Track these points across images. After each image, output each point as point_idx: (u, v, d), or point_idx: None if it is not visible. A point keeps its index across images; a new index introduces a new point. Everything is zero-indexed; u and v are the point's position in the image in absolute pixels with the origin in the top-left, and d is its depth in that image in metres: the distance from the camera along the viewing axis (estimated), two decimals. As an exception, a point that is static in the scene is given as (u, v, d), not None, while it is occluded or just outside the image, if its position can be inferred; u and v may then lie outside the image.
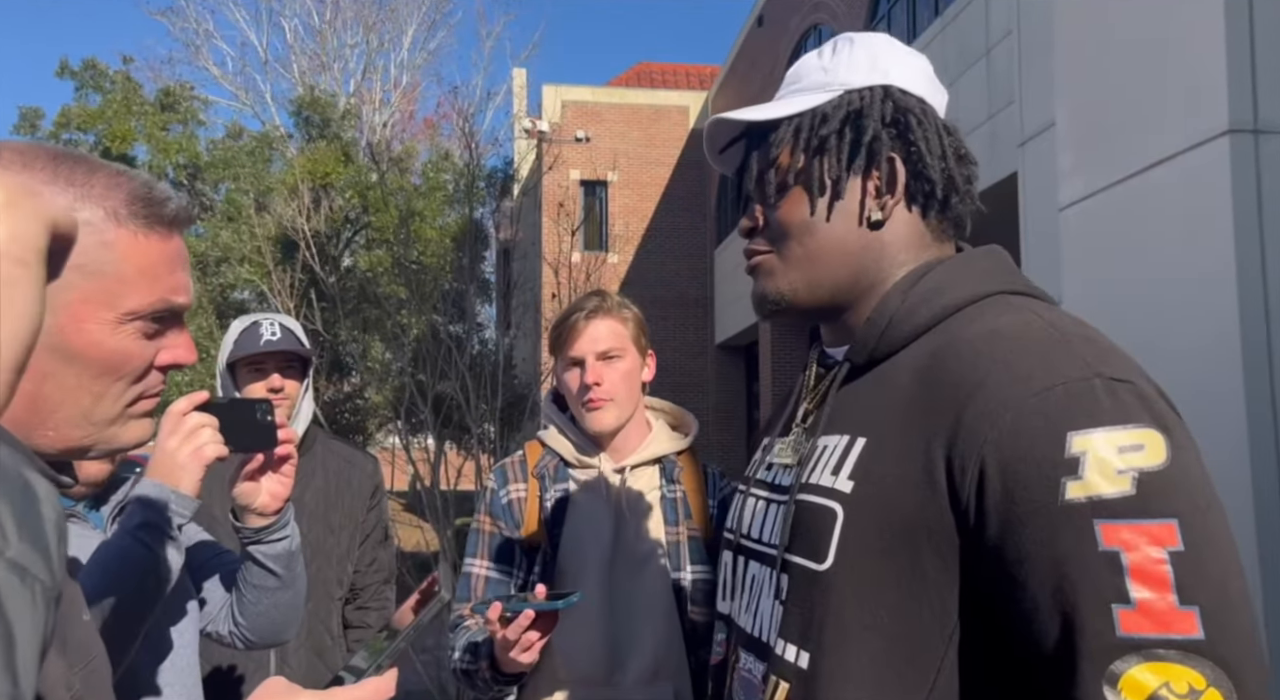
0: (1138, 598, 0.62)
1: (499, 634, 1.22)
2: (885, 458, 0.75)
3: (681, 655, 1.48)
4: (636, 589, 1.48)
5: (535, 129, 14.13)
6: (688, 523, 1.53)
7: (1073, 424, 0.65)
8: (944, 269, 0.82)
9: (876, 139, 0.83)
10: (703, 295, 16.40)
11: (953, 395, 0.71)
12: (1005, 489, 0.66)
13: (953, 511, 0.70)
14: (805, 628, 0.77)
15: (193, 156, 11.55)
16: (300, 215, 7.16)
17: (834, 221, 0.84)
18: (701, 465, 1.63)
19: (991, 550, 0.68)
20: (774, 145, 0.86)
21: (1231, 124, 2.45)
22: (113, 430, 0.68)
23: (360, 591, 2.13)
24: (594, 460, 1.54)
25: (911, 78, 0.86)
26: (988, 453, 0.67)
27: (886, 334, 0.81)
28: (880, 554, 0.73)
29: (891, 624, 0.72)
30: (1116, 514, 0.63)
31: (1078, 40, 3.10)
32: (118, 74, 12.35)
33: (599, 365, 1.49)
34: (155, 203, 0.70)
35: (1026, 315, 0.75)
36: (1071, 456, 0.65)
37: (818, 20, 11.58)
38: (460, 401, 6.04)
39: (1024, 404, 0.67)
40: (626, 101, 16.86)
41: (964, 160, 0.85)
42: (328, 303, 7.52)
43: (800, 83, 0.89)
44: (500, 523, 1.54)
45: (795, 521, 0.80)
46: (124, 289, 0.67)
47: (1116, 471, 0.64)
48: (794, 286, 0.85)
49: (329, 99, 13.06)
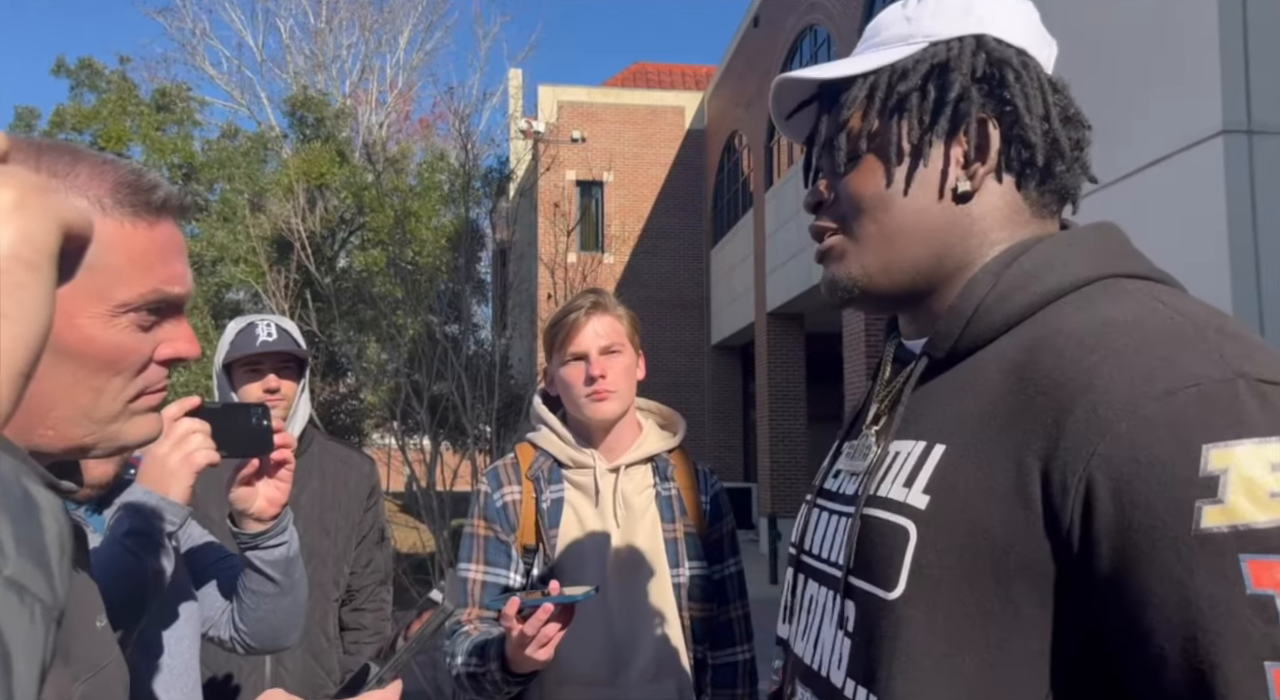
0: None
1: (515, 630, 1.22)
2: (968, 469, 0.63)
3: (682, 651, 1.48)
4: (636, 588, 1.48)
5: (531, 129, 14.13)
6: (683, 519, 1.54)
7: (1210, 435, 0.53)
8: (1044, 247, 0.69)
9: (964, 97, 0.71)
10: (699, 296, 16.40)
11: (1053, 397, 0.59)
12: (1120, 513, 0.54)
13: (1051, 538, 0.58)
14: (872, 665, 0.66)
15: (187, 157, 11.53)
16: (295, 215, 7.15)
17: (913, 193, 0.72)
18: (692, 463, 1.63)
19: (1102, 587, 0.56)
20: (845, 106, 0.74)
21: (1225, 124, 2.46)
22: (116, 427, 0.67)
23: (356, 593, 2.12)
24: (588, 460, 1.54)
25: (1011, 26, 0.73)
26: (1097, 468, 0.56)
27: (973, 324, 0.69)
28: (960, 585, 0.61)
29: (974, 667, 0.61)
30: (1271, 548, 0.51)
31: (1071, 43, 3.11)
32: (113, 73, 12.31)
33: (603, 359, 1.50)
34: (142, 189, 0.68)
35: (1147, 301, 0.62)
36: (1209, 475, 0.52)
37: (813, 21, 11.60)
38: (456, 402, 6.03)
39: (1145, 409, 0.55)
40: (622, 102, 16.85)
41: (1071, 122, 0.73)
42: (323, 303, 7.50)
43: (880, 36, 0.77)
44: (496, 526, 1.53)
45: (861, 540, 0.69)
46: (114, 280, 0.65)
47: (1270, 495, 0.51)
48: (867, 271, 0.74)
49: (324, 99, 13.03)
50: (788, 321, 12.98)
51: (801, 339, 13.06)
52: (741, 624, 1.60)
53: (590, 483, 1.53)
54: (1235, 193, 2.54)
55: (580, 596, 1.20)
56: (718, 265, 15.87)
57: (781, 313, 12.76)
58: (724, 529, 1.60)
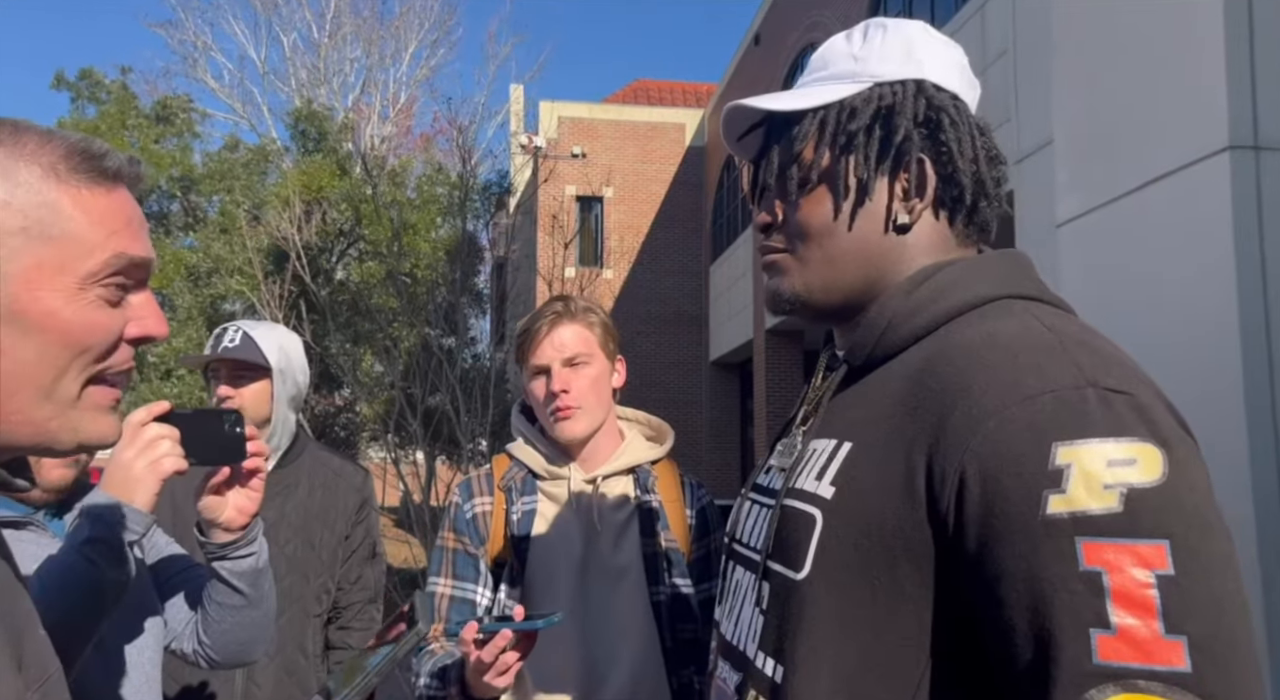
0: (1119, 623, 0.57)
1: (473, 656, 1.16)
2: (868, 464, 0.71)
3: (661, 675, 1.41)
4: (612, 606, 1.41)
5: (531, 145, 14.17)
6: (665, 534, 1.46)
7: (1060, 434, 0.61)
8: (952, 270, 0.77)
9: (908, 139, 0.78)
10: (698, 312, 16.39)
11: (938, 400, 0.68)
12: (985, 500, 0.62)
13: (931, 523, 0.66)
14: (780, 639, 0.73)
15: (186, 169, 11.54)
16: (292, 226, 7.13)
17: (858, 224, 0.80)
18: (679, 475, 1.56)
19: (969, 565, 0.64)
20: (798, 138, 0.81)
21: (1232, 140, 2.42)
22: (77, 414, 0.64)
23: (343, 611, 2.05)
24: (563, 470, 1.47)
25: (946, 71, 0.81)
26: (968, 461, 0.63)
27: (885, 336, 0.77)
28: (857, 565, 0.69)
29: (867, 640, 0.68)
30: (1101, 531, 0.59)
31: (1076, 56, 3.09)
32: (114, 84, 12.37)
33: (565, 372, 1.43)
34: (94, 156, 0.66)
35: (1027, 320, 0.71)
36: (1056, 468, 0.60)
37: (814, 39, 11.66)
38: (451, 415, 5.98)
39: (1009, 411, 0.63)
40: (623, 118, 16.92)
41: (994, 161, 0.81)
42: (318, 315, 7.46)
43: (827, 70, 0.83)
44: (465, 538, 1.47)
45: (779, 527, 0.77)
46: (77, 249, 0.63)
47: (1104, 486, 0.59)
48: (809, 287, 0.82)
49: (326, 112, 13.07)
50: (786, 339, 12.95)
51: (800, 356, 13.03)
52: None
53: (564, 494, 1.46)
54: (1241, 209, 2.51)
55: (542, 623, 1.15)
56: (716, 281, 15.87)
57: (780, 330, 12.74)
58: (711, 545, 1.53)
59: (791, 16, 12.40)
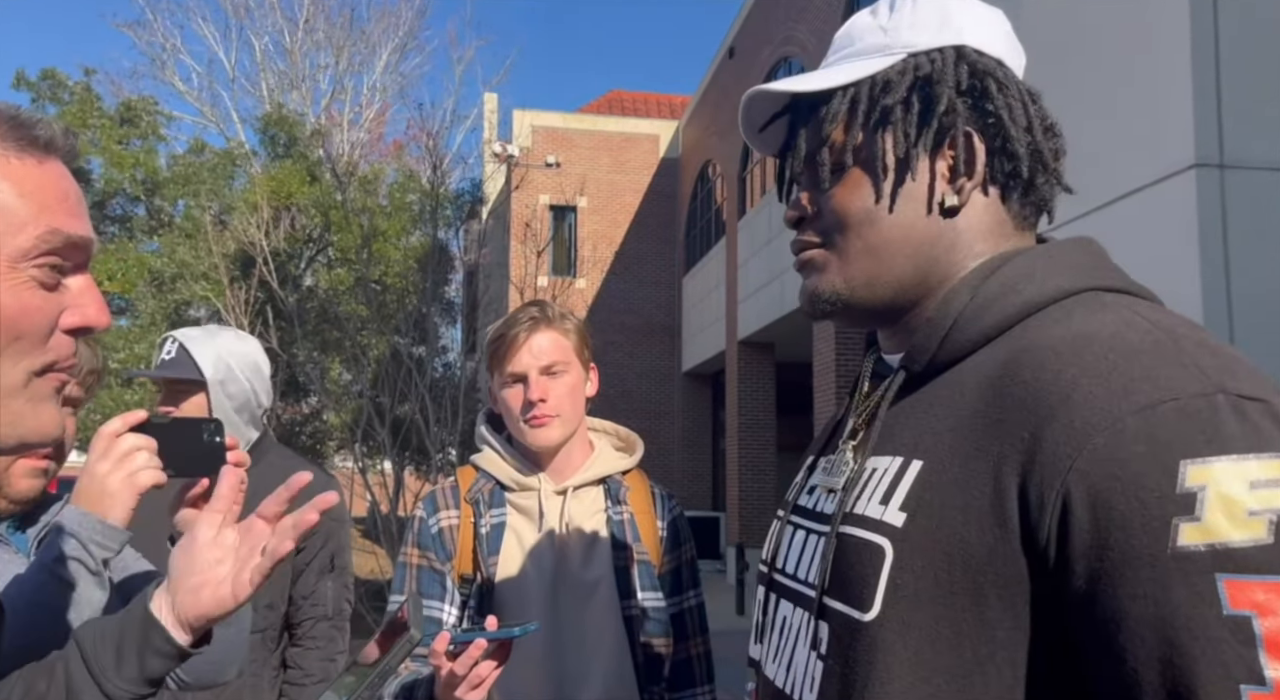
0: (1275, 677, 0.49)
1: (445, 669, 1.11)
2: (945, 485, 0.61)
3: (633, 691, 1.38)
4: (583, 621, 1.37)
5: (505, 153, 14.11)
6: (637, 546, 1.43)
7: (1188, 451, 0.52)
8: (1022, 260, 0.68)
9: (951, 110, 0.69)
10: (670, 323, 16.40)
11: (1030, 411, 0.58)
12: (1096, 529, 0.53)
13: (1026, 554, 0.57)
14: (846, 689, 0.64)
15: (151, 171, 11.32)
16: (259, 231, 7.01)
17: (900, 208, 0.71)
18: (649, 486, 1.53)
19: (1077, 605, 0.55)
20: (827, 120, 0.72)
21: (1198, 158, 2.46)
22: (18, 406, 0.58)
23: (295, 628, 1.96)
24: (532, 482, 1.43)
25: (989, 36, 0.72)
26: (1073, 483, 0.54)
27: (950, 337, 0.68)
28: (936, 604, 0.60)
29: (949, 689, 0.60)
30: (1248, 568, 0.50)
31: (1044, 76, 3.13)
32: (77, 85, 12.10)
33: (543, 380, 1.40)
34: (23, 124, 0.61)
35: (1126, 315, 0.61)
36: (1186, 491, 0.51)
37: (788, 53, 11.76)
38: (420, 424, 5.90)
39: (1122, 424, 0.54)
40: (597, 128, 16.93)
41: (1051, 132, 0.72)
42: (285, 321, 7.34)
43: (854, 46, 0.75)
44: (430, 554, 1.42)
45: (836, 559, 0.67)
46: (5, 224, 0.58)
47: (1248, 513, 0.50)
48: (851, 284, 0.72)
49: (296, 118, 12.92)
50: (759, 350, 12.99)
51: (772, 368, 13.07)
52: (701, 662, 1.49)
53: (534, 506, 1.42)
54: (1207, 226, 2.54)
55: (518, 631, 1.10)
56: (690, 293, 15.90)
57: (752, 341, 12.77)
58: (682, 557, 1.50)
59: (766, 30, 12.51)
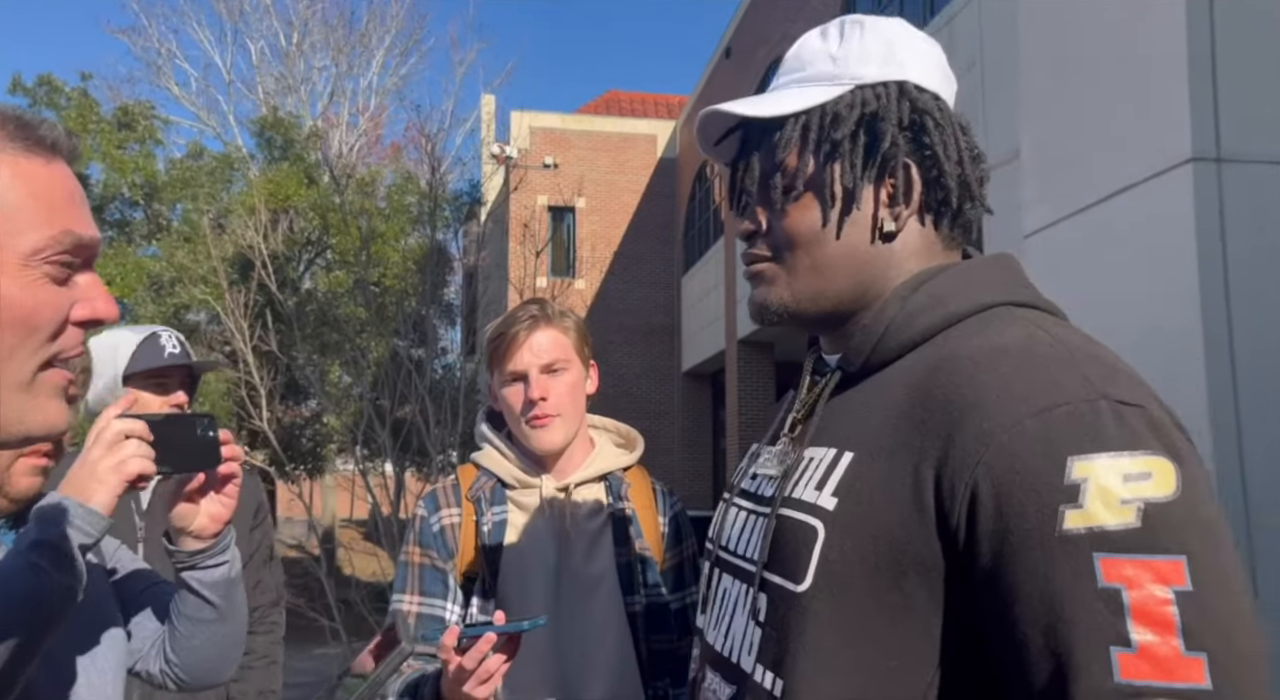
0: (1139, 641, 0.57)
1: (454, 664, 1.10)
2: (873, 476, 0.70)
3: (638, 687, 1.38)
4: (587, 616, 1.37)
5: (503, 155, 14.11)
6: (639, 542, 1.43)
7: (1075, 448, 0.61)
8: (947, 276, 0.77)
9: (894, 145, 0.77)
10: (669, 323, 16.39)
11: (946, 413, 0.67)
12: (998, 516, 0.62)
13: (941, 537, 0.65)
14: (780, 652, 0.72)
15: (149, 176, 11.32)
16: (258, 234, 7.01)
17: (845, 233, 0.79)
18: (650, 482, 1.53)
19: (982, 582, 0.63)
20: (780, 145, 0.79)
21: (1195, 152, 2.47)
22: (25, 400, 0.61)
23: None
24: (534, 479, 1.43)
25: (928, 71, 0.80)
26: (980, 476, 0.63)
27: (882, 342, 0.76)
28: (861, 578, 0.68)
29: (871, 654, 0.68)
30: (1119, 548, 0.58)
31: (1042, 70, 3.13)
32: (74, 91, 12.09)
33: (543, 379, 1.39)
34: (28, 125, 0.64)
35: (1031, 329, 0.71)
36: (1072, 483, 0.60)
37: (784, 52, 11.75)
38: (420, 426, 5.90)
39: (1022, 425, 0.62)
40: (595, 129, 16.93)
41: (977, 160, 0.81)
42: (284, 324, 7.34)
43: (804, 71, 0.82)
44: (432, 552, 1.42)
45: (775, 537, 0.75)
46: (19, 223, 0.60)
47: (1121, 501, 0.59)
48: (797, 298, 0.81)
49: (293, 121, 12.91)
50: (758, 349, 12.99)
51: (771, 367, 13.07)
52: None
53: (536, 503, 1.42)
54: (1204, 221, 2.54)
55: (527, 625, 1.10)
56: (689, 292, 15.90)
57: (752, 341, 12.78)
58: (684, 553, 1.50)
59: (762, 30, 12.52)
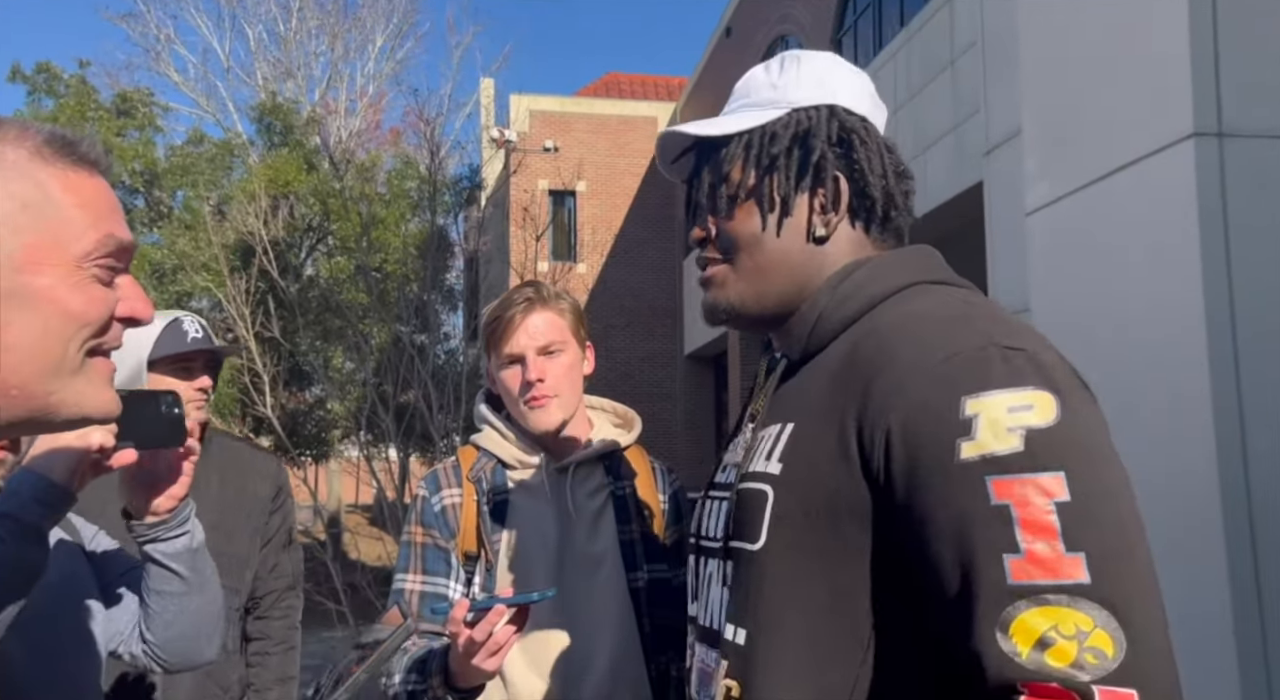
0: (1027, 547, 0.65)
1: (463, 637, 1.12)
2: (808, 437, 0.79)
3: (640, 663, 1.39)
4: (589, 594, 1.39)
5: (502, 138, 14.05)
6: (640, 520, 1.45)
7: (968, 388, 0.70)
8: (871, 266, 0.87)
9: (823, 158, 0.87)
10: (671, 305, 16.38)
11: (865, 371, 0.76)
12: (908, 453, 0.71)
13: (866, 479, 0.74)
14: (743, 607, 0.81)
15: (149, 163, 11.30)
16: (258, 221, 7.01)
17: (783, 236, 0.89)
18: (649, 460, 1.54)
19: (900, 511, 0.72)
20: (725, 160, 0.90)
21: (1196, 127, 2.45)
22: (83, 384, 0.67)
23: (261, 600, 2.02)
24: (534, 459, 1.44)
25: (855, 97, 0.91)
26: (893, 420, 0.72)
27: (817, 328, 0.86)
28: (806, 529, 0.77)
29: (820, 592, 0.76)
30: (1007, 469, 0.67)
31: (1042, 47, 3.11)
32: (73, 78, 12.05)
33: (540, 360, 1.40)
34: (71, 142, 0.70)
35: (942, 297, 0.81)
36: (966, 418, 0.69)
37: (784, 32, 11.68)
38: (424, 411, 5.92)
39: (927, 373, 0.72)
40: (595, 111, 16.84)
41: (903, 176, 0.91)
42: (287, 311, 7.35)
43: (749, 98, 0.93)
44: (434, 532, 1.43)
45: (736, 508, 0.84)
46: (71, 230, 0.67)
47: (1007, 430, 0.68)
48: (742, 298, 0.90)
49: (292, 106, 12.86)
50: (760, 331, 12.99)
51: (773, 349, 13.07)
52: None
53: (536, 483, 1.43)
54: (1206, 195, 2.53)
55: (536, 596, 1.12)
56: (691, 275, 15.85)
57: (754, 322, 12.77)
58: (684, 530, 1.51)
59: (762, 9, 12.42)
